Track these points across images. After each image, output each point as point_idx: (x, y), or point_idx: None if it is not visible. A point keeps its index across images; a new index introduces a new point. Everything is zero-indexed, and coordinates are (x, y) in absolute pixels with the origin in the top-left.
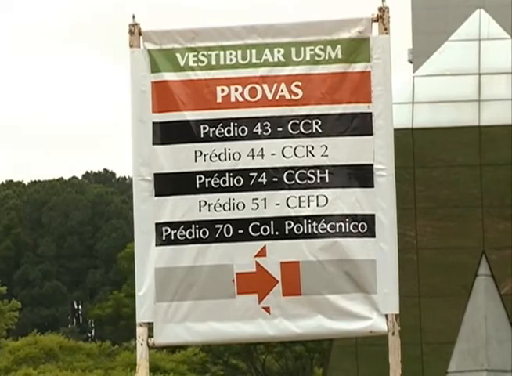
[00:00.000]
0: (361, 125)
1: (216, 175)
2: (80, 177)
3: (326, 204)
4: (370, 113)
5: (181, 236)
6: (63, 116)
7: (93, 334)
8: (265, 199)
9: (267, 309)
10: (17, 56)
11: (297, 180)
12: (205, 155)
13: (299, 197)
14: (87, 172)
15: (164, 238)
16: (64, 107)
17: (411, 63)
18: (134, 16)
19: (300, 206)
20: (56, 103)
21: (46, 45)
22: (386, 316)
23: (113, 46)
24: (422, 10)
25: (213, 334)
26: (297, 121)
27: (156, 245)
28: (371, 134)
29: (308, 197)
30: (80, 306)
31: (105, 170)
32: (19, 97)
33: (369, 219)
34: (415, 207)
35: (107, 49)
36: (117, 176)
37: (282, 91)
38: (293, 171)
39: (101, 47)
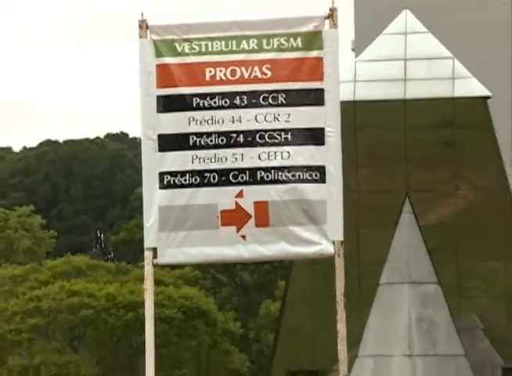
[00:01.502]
0: (315, 98)
1: (205, 135)
2: (102, 137)
3: (288, 157)
4: (322, 89)
5: (178, 181)
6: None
7: (112, 256)
8: (242, 154)
9: (243, 237)
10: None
11: (267, 140)
12: (196, 120)
13: (268, 153)
14: (107, 133)
15: (165, 183)
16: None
17: (353, 51)
18: (142, 14)
19: (268, 159)
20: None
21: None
22: (333, 242)
23: (111, 45)
24: (363, 9)
25: (203, 256)
26: (267, 95)
27: (159, 189)
28: (323, 105)
29: (275, 152)
30: (102, 235)
31: (121, 132)
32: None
33: (321, 169)
34: (356, 160)
35: (106, 49)
36: (130, 136)
37: (255, 72)
38: (263, 133)
39: (101, 47)
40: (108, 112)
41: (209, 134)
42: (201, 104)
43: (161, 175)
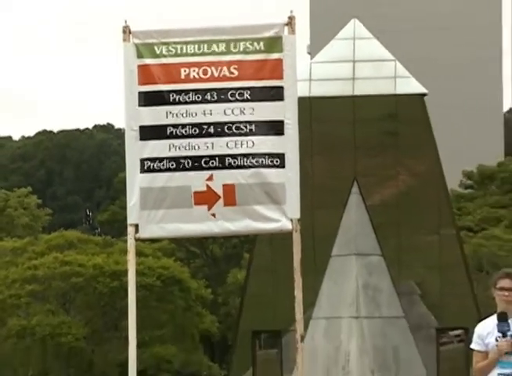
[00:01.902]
0: (276, 94)
1: (180, 126)
2: (91, 128)
3: (252, 146)
4: (282, 87)
5: (156, 166)
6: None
7: (99, 231)
8: (212, 143)
9: (213, 215)
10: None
11: (234, 130)
12: (173, 113)
13: (235, 142)
14: (95, 125)
15: (145, 168)
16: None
17: (309, 54)
18: (126, 21)
19: (235, 147)
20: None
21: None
22: (291, 219)
23: (110, 45)
24: (317, 18)
25: (178, 231)
26: (234, 92)
27: (140, 173)
28: (282, 100)
29: (241, 141)
30: (90, 213)
31: (108, 123)
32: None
33: (281, 156)
34: (311, 149)
35: (104, 49)
36: (116, 127)
37: (224, 71)
38: (231, 125)
39: (100, 47)
40: (96, 106)
41: (184, 125)
42: (177, 99)
43: (142, 161)
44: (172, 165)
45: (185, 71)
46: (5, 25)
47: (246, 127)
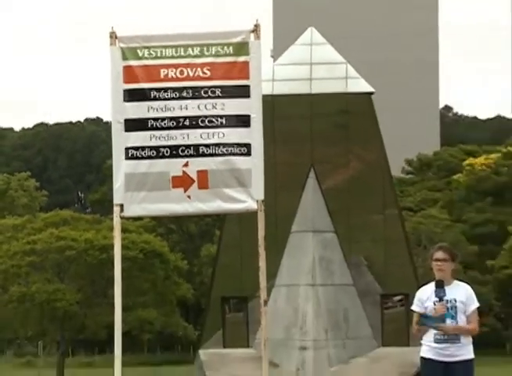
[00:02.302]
0: (243, 92)
1: (160, 120)
2: (82, 120)
3: (223, 137)
4: (249, 86)
5: (139, 154)
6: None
7: (89, 210)
8: (188, 134)
9: (189, 197)
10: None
11: (207, 123)
12: (153, 108)
13: (208, 133)
14: (86, 118)
15: (129, 156)
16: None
17: (272, 57)
18: (112, 27)
19: (208, 138)
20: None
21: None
22: (256, 200)
23: (100, 46)
24: (279, 26)
25: (158, 211)
26: (207, 89)
27: (125, 160)
28: (249, 97)
29: (213, 133)
30: (82, 194)
31: (97, 117)
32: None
33: (248, 146)
34: (274, 139)
35: (96, 49)
36: (104, 120)
37: (198, 72)
38: (204, 118)
39: (92, 47)
40: (87, 101)
41: (163, 119)
42: (157, 96)
43: (126, 149)
44: (153, 153)
45: (164, 72)
46: (5, 25)
47: (217, 120)
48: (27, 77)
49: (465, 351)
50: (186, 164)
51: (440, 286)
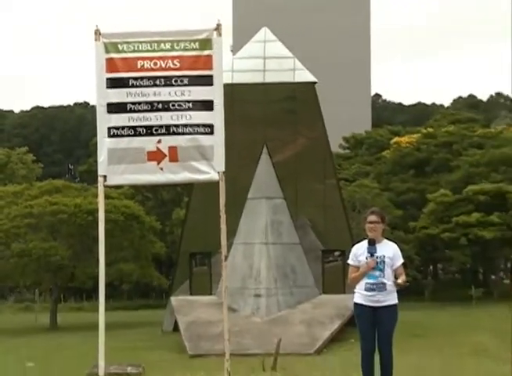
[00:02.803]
0: (207, 81)
1: (137, 104)
2: (72, 104)
3: (190, 118)
4: (212, 75)
5: (119, 133)
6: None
7: (78, 179)
8: (161, 116)
9: (161, 169)
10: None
11: (176, 107)
12: (131, 94)
13: (177, 115)
14: (75, 102)
15: (111, 134)
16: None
17: (232, 51)
18: (97, 25)
19: (177, 119)
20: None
21: (46, 44)
22: (218, 172)
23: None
24: (238, 24)
25: (136, 180)
26: (176, 78)
27: (108, 137)
28: (212, 85)
29: (182, 115)
30: (72, 167)
31: (84, 101)
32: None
33: (211, 126)
34: (233, 121)
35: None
36: (91, 104)
37: (169, 63)
38: (174, 103)
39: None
40: (76, 88)
41: (139, 103)
42: (134, 84)
43: (109, 129)
44: (131, 132)
45: (140, 63)
46: (5, 25)
47: (185, 104)
48: (25, 66)
49: (390, 297)
50: (159, 142)
51: (372, 244)
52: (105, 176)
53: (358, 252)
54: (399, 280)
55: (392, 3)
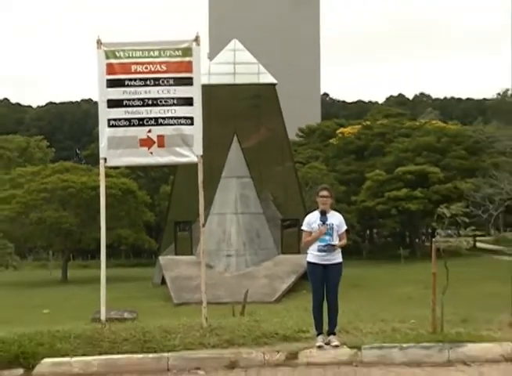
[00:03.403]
0: (188, 82)
1: (131, 100)
2: (79, 100)
3: (175, 112)
4: (192, 77)
5: (118, 124)
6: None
7: (84, 161)
8: (151, 110)
9: (151, 153)
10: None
11: (164, 103)
12: (127, 92)
13: (164, 109)
14: (82, 99)
15: (110, 125)
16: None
17: (208, 58)
18: (99, 36)
19: (164, 113)
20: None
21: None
22: (197, 156)
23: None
24: (214, 36)
25: (130, 162)
26: (164, 79)
27: (108, 127)
28: (192, 85)
29: (168, 109)
30: (79, 151)
31: (89, 98)
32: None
33: (191, 119)
34: (210, 114)
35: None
36: (94, 100)
37: (157, 67)
38: (162, 99)
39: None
40: (82, 87)
41: (133, 99)
42: (129, 84)
43: (108, 120)
44: (126, 123)
45: (134, 67)
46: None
47: (170, 101)
48: (41, 65)
49: (336, 256)
50: (149, 131)
51: (323, 214)
52: (105, 159)
53: (311, 220)
54: (343, 242)
55: (338, 16)
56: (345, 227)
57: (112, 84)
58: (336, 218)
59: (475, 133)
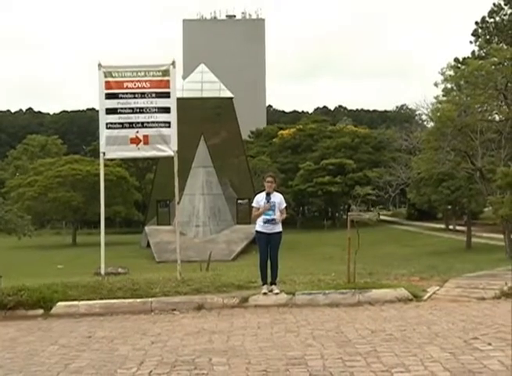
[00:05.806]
0: (166, 95)
1: (124, 109)
2: (85, 109)
3: (157, 118)
4: (169, 92)
5: (113, 126)
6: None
7: (89, 155)
8: (138, 116)
9: (138, 148)
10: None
11: (148, 111)
12: (120, 103)
13: (148, 116)
14: (87, 108)
15: (108, 127)
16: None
17: (183, 78)
18: (99, 61)
19: (149, 119)
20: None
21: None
22: (173, 151)
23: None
24: (187, 61)
25: (123, 156)
26: (148, 94)
27: (106, 129)
28: (169, 98)
29: (151, 116)
30: (85, 147)
31: (93, 108)
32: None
33: (169, 123)
34: (183, 120)
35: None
36: (96, 109)
37: (143, 84)
38: (147, 108)
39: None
40: (89, 99)
41: (125, 108)
42: (122, 96)
43: (106, 124)
44: (120, 126)
45: (125, 84)
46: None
47: (153, 109)
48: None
49: (278, 227)
50: (137, 132)
51: (268, 195)
52: (104, 153)
53: (259, 199)
54: (282, 216)
55: (280, 45)
56: (285, 204)
57: (109, 96)
58: (277, 198)
59: (379, 135)
